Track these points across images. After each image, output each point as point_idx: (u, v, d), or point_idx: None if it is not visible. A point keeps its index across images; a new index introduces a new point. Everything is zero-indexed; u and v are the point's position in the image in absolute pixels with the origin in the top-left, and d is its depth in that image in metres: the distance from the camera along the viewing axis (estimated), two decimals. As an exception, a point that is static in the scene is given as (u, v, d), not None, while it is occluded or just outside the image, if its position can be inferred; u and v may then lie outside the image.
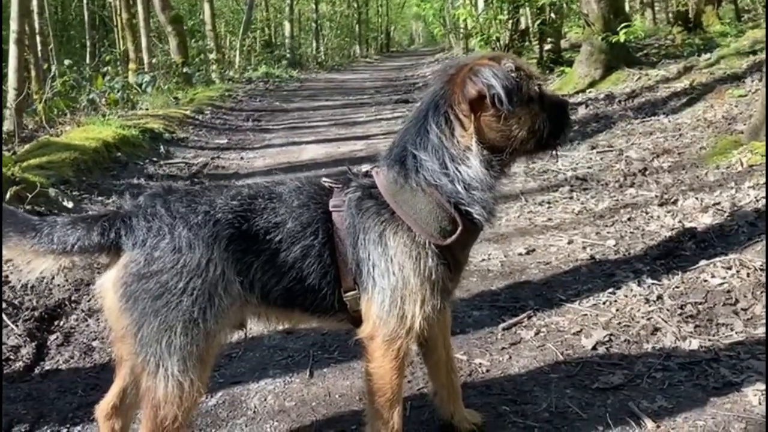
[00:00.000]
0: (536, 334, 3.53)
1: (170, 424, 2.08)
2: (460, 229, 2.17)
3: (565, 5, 13.72)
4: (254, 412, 2.98)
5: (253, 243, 2.15)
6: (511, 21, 14.70)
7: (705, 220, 4.78)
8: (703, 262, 4.10)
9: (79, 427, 2.90)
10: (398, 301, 2.16)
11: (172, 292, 2.02)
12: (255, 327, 3.52)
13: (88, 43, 20.81)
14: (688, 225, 4.74)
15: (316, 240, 2.19)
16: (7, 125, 9.84)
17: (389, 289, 2.16)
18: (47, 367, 3.45)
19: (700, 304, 3.67)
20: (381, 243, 2.17)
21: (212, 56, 20.65)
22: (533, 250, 4.73)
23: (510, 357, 3.32)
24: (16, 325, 3.77)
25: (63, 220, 2.11)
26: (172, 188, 2.23)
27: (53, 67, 13.11)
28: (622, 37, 10.59)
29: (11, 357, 3.49)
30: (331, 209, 2.23)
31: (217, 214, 2.12)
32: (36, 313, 3.94)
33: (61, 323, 3.94)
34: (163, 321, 2.02)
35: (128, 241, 2.07)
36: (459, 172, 2.15)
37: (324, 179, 2.33)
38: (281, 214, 2.19)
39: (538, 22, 13.71)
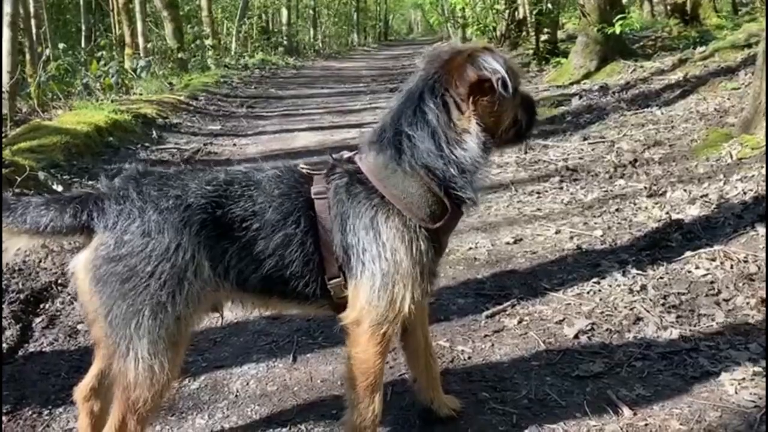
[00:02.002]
0: (519, 322, 3.54)
1: (141, 406, 2.08)
2: (449, 212, 2.21)
3: (562, -5, 13.71)
4: (236, 396, 3.00)
5: (228, 229, 2.13)
6: (507, 11, 14.70)
7: (692, 212, 4.79)
8: (688, 254, 4.12)
9: (60, 409, 2.91)
10: (390, 286, 2.16)
11: (140, 276, 2.01)
12: (239, 312, 3.56)
13: (83, 28, 20.72)
14: (675, 216, 4.75)
15: (299, 228, 2.18)
16: (1, 108, 9.80)
17: (380, 273, 2.16)
18: (31, 350, 3.46)
19: (683, 294, 3.69)
20: (372, 228, 2.16)
21: (208, 42, 20.57)
22: (521, 239, 4.75)
23: (492, 344, 3.33)
24: (1, 308, 3.77)
25: (37, 200, 2.10)
26: (147, 171, 2.22)
27: (47, 51, 13.05)
28: (617, 29, 10.58)
29: (-5, 339, 3.50)
30: (313, 196, 2.22)
31: (189, 198, 2.11)
32: (22, 296, 3.94)
33: (47, 306, 3.94)
34: (131, 304, 2.01)
35: (100, 224, 2.06)
36: (455, 155, 2.16)
37: (302, 166, 2.32)
38: (260, 202, 2.17)
39: (535, 12, 13.68)
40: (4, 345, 3.45)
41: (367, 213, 2.17)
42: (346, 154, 2.35)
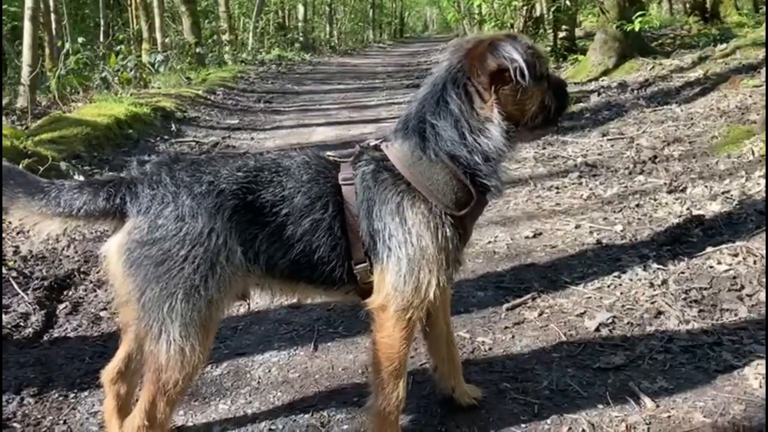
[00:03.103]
0: (540, 315, 3.54)
1: (172, 388, 2.11)
2: (474, 200, 2.22)
3: (580, -8, 13.62)
4: (258, 382, 3.02)
5: (259, 215, 2.16)
6: (525, 7, 14.60)
7: (713, 208, 4.76)
8: (709, 249, 4.10)
9: (86, 392, 2.95)
10: (415, 271, 2.18)
11: (174, 259, 2.04)
12: (261, 301, 3.58)
13: (102, 22, 20.77)
14: (696, 212, 4.73)
15: (327, 213, 2.21)
16: (21, 101, 9.93)
17: (406, 258, 2.18)
18: (56, 335, 3.50)
19: (705, 289, 3.67)
20: (398, 214, 2.18)
21: (225, 37, 20.66)
22: (540, 233, 4.74)
23: (513, 336, 3.34)
24: (26, 294, 3.82)
25: (70, 184, 2.13)
26: (179, 157, 2.25)
27: (67, 45, 13.17)
28: (636, 26, 10.47)
29: (21, 323, 3.54)
30: (340, 182, 2.24)
31: (221, 184, 2.14)
32: (46, 283, 3.99)
33: (70, 293, 3.99)
34: (164, 287, 2.04)
35: (133, 208, 2.09)
36: (478, 143, 2.18)
37: (329, 153, 2.35)
38: (289, 187, 2.20)
39: (553, 9, 13.61)
40: (29, 329, 3.50)
41: (394, 199, 2.19)
42: (372, 142, 2.36)
